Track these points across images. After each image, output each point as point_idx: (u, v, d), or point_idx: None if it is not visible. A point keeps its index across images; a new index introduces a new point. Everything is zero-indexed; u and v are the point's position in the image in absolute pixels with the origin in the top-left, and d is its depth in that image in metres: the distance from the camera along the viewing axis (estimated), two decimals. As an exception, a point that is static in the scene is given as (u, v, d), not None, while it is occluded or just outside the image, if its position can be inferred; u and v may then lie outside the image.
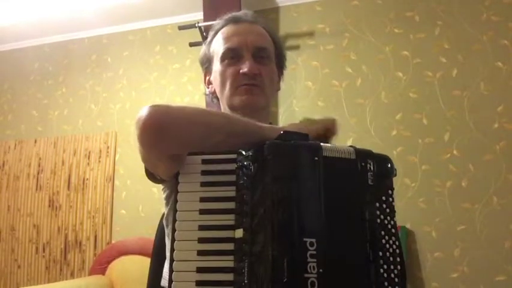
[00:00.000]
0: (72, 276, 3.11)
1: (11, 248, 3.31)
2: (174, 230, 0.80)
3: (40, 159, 3.36)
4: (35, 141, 3.42)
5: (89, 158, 3.24)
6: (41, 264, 3.21)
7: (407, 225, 2.42)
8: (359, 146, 0.88)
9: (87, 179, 3.21)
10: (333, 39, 2.77)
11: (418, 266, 2.38)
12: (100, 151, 3.22)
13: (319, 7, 2.84)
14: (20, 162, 3.41)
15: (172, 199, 0.89)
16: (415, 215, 2.43)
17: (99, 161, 3.20)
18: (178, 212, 0.80)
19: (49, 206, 3.27)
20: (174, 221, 0.80)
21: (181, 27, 2.87)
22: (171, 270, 0.77)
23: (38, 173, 3.35)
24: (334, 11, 2.79)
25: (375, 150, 0.89)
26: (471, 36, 2.49)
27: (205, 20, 2.73)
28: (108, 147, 3.20)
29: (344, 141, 2.56)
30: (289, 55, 2.85)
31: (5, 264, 3.31)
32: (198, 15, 2.89)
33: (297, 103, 2.79)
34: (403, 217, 2.43)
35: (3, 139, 3.52)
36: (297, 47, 2.84)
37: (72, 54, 3.46)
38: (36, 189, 3.33)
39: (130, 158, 3.09)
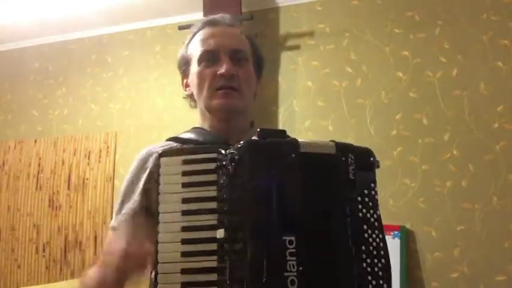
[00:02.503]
0: (72, 276, 3.11)
1: (11, 248, 3.31)
2: (157, 232, 0.79)
3: (40, 159, 3.36)
4: (35, 141, 3.41)
5: (89, 158, 3.24)
6: (41, 264, 3.21)
7: (407, 225, 2.42)
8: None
9: (87, 178, 3.21)
10: (333, 39, 2.77)
11: (418, 266, 2.38)
12: (100, 151, 3.22)
13: (319, 7, 2.84)
14: (20, 162, 3.41)
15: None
16: (415, 215, 2.43)
17: (99, 161, 3.20)
18: (160, 214, 0.80)
19: (49, 206, 3.27)
20: (157, 223, 0.80)
21: (181, 27, 2.87)
22: (156, 272, 0.77)
23: (38, 173, 3.35)
24: (334, 11, 2.79)
25: (375, 150, 0.89)
26: (471, 36, 2.49)
27: (205, 20, 2.73)
28: (108, 147, 3.20)
29: (344, 141, 2.56)
30: (289, 55, 2.86)
31: (5, 264, 3.31)
32: (198, 15, 2.88)
33: (297, 103, 2.79)
34: (403, 217, 2.43)
35: (3, 139, 3.52)
36: (297, 47, 2.84)
37: (72, 54, 3.46)
38: (36, 189, 3.33)
39: (130, 158, 3.05)
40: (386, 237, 0.82)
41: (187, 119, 3.17)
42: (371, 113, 2.62)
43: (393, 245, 2.33)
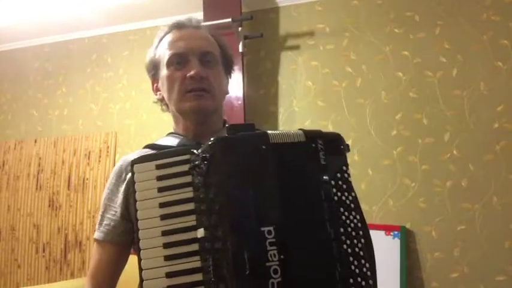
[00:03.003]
0: (72, 276, 3.11)
1: (11, 248, 3.31)
2: (138, 239, 0.80)
3: (40, 159, 3.36)
4: (35, 141, 3.42)
5: (89, 158, 3.24)
6: (41, 264, 3.21)
7: (407, 225, 2.42)
8: (359, 146, 0.88)
9: (87, 179, 3.21)
10: (333, 39, 2.77)
11: (418, 266, 2.38)
12: (100, 151, 3.22)
13: (319, 7, 2.84)
14: (20, 162, 3.41)
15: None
16: (415, 215, 2.43)
17: (99, 161, 3.21)
18: (139, 221, 0.81)
19: (49, 206, 3.27)
20: (137, 230, 0.81)
21: (181, 27, 2.87)
22: (141, 280, 0.78)
23: (38, 173, 3.35)
24: (334, 11, 2.79)
25: (375, 150, 0.89)
26: (471, 36, 2.49)
27: (205, 20, 2.73)
28: (108, 147, 3.20)
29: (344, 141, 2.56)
30: (289, 55, 2.85)
31: (5, 264, 3.31)
32: (198, 15, 2.88)
33: (297, 103, 2.79)
34: (403, 217, 2.43)
35: (3, 139, 3.52)
36: (297, 47, 2.84)
37: (72, 54, 3.46)
38: (36, 189, 3.33)
39: (130, 158, 3.08)
40: (386, 237, 0.83)
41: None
42: (371, 113, 2.62)
43: (393, 245, 2.33)
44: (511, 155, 2.34)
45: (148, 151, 1.06)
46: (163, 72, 1.07)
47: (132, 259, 1.09)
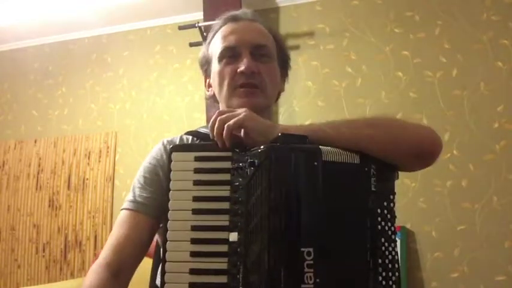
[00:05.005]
0: (72, 276, 3.11)
1: (11, 248, 3.31)
2: (166, 230, 0.78)
3: (40, 159, 3.36)
4: (35, 141, 3.41)
5: (89, 158, 3.24)
6: (41, 264, 3.21)
7: (407, 225, 2.42)
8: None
9: (87, 179, 3.21)
10: (333, 39, 2.77)
11: (418, 266, 2.38)
12: (100, 151, 3.22)
13: (319, 7, 2.84)
14: (20, 162, 3.41)
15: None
16: (415, 215, 2.43)
17: (99, 161, 3.20)
18: (170, 211, 0.78)
19: (49, 206, 3.27)
20: (166, 220, 0.78)
21: (181, 27, 2.87)
22: (163, 272, 0.76)
23: (38, 173, 3.35)
24: (334, 11, 2.79)
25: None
26: (471, 36, 2.49)
27: (205, 20, 2.73)
28: (108, 147, 3.20)
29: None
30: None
31: (5, 264, 3.31)
32: (198, 15, 2.88)
33: (297, 103, 2.79)
34: (403, 217, 2.42)
35: (3, 139, 3.52)
36: (297, 47, 2.84)
37: (72, 54, 3.46)
38: (36, 189, 3.33)
39: (130, 158, 3.08)
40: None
41: (187, 119, 3.20)
42: (371, 113, 2.61)
43: (393, 245, 2.33)
44: (511, 155, 2.33)
45: (190, 138, 1.02)
46: (215, 67, 1.02)
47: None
